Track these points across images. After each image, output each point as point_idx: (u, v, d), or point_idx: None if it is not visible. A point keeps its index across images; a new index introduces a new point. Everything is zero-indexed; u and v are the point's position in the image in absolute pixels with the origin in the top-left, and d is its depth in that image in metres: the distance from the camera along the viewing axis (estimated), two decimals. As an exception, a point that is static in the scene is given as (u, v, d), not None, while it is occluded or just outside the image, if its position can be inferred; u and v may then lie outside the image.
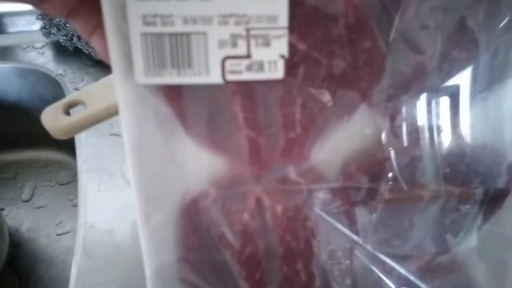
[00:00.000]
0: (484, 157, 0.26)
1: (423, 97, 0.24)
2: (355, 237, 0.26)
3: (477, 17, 0.22)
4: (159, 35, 0.19)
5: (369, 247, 0.27)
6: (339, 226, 0.26)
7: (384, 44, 0.22)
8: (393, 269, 0.27)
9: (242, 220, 0.25)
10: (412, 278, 0.27)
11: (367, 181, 0.25)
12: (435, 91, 0.23)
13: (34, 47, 0.70)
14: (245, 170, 0.24)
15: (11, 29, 0.74)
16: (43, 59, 0.68)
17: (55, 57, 0.69)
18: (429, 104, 0.24)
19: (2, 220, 0.59)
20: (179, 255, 0.26)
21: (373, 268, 0.27)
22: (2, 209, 0.67)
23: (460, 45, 0.22)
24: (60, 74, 0.66)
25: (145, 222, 0.25)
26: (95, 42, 0.23)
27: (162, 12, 0.19)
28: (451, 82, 0.23)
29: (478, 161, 0.25)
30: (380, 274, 0.27)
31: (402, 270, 0.27)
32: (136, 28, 0.19)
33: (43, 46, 0.70)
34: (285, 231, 0.26)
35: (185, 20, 0.19)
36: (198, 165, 0.24)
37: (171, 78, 0.20)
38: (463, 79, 0.23)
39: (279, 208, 0.25)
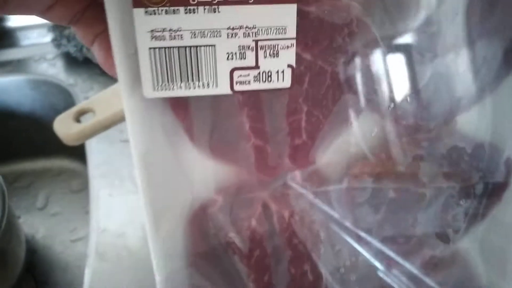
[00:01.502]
0: (483, 153, 0.26)
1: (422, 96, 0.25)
2: (360, 234, 0.27)
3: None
4: (168, 49, 0.20)
5: (373, 242, 0.27)
6: (345, 225, 0.27)
7: (386, 49, 0.23)
8: (397, 264, 0.28)
9: (250, 226, 0.26)
10: (416, 273, 0.28)
11: (372, 181, 0.26)
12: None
13: (45, 59, 0.72)
14: (252, 177, 0.25)
15: (24, 42, 0.76)
16: (55, 70, 0.70)
17: (66, 67, 0.70)
18: (429, 105, 0.25)
19: (19, 227, 0.61)
20: (189, 262, 0.27)
21: (378, 264, 0.28)
22: (19, 217, 0.69)
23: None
24: (71, 84, 0.67)
25: (154, 231, 0.25)
26: (96, 50, 0.23)
27: (170, 26, 0.19)
28: (447, 81, 0.24)
29: (478, 157, 0.26)
30: (385, 270, 0.28)
31: (406, 266, 0.28)
32: (144, 43, 0.20)
33: (54, 58, 0.72)
34: (292, 235, 0.27)
35: (194, 34, 0.20)
36: (205, 173, 0.24)
37: (180, 91, 0.21)
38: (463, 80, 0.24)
39: (285, 213, 0.26)
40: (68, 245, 0.66)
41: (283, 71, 0.21)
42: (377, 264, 0.28)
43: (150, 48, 0.20)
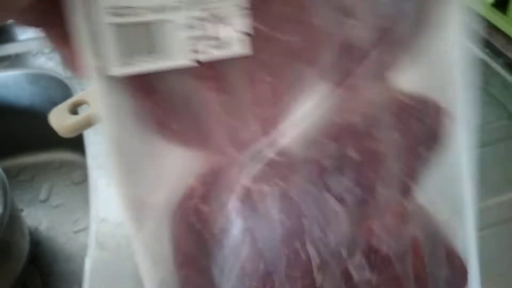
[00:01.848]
0: (426, 107, 0.27)
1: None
2: (334, 204, 0.27)
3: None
4: (128, 26, 0.20)
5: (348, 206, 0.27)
6: (320, 194, 0.27)
7: (330, 20, 0.23)
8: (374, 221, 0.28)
9: (233, 209, 0.26)
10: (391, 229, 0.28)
11: (334, 145, 0.26)
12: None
13: (43, 53, 0.73)
14: (224, 157, 0.25)
15: (21, 36, 0.77)
16: (52, 63, 0.71)
17: (62, 61, 0.71)
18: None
19: (22, 220, 0.62)
20: (179, 262, 0.26)
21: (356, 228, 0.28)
22: (22, 210, 0.70)
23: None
24: (68, 77, 0.68)
25: (137, 232, 0.24)
26: (63, 52, 0.23)
27: (130, 3, 0.20)
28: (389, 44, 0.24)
29: (422, 112, 0.27)
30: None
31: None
32: (105, 21, 0.20)
33: (51, 51, 0.73)
34: (275, 211, 0.27)
35: (152, 9, 0.20)
36: (178, 162, 0.24)
37: (143, 65, 0.21)
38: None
39: (266, 189, 0.26)
40: (71, 236, 0.68)
41: (240, 39, 0.22)
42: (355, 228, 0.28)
43: (110, 25, 0.20)
